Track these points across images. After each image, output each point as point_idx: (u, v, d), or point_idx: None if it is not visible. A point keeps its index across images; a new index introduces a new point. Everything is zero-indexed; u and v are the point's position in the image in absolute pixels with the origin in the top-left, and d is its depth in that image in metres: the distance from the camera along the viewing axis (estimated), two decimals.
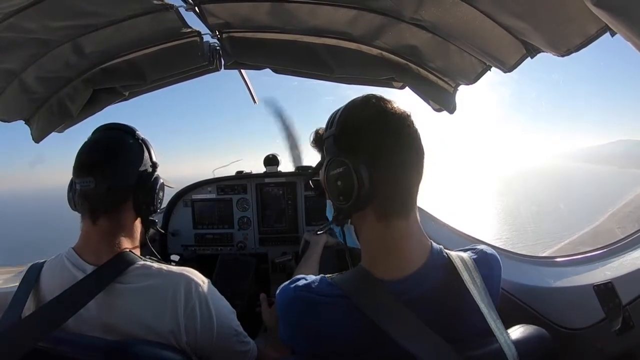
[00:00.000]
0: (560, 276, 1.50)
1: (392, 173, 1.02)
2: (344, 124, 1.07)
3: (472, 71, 1.89)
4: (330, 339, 1.01)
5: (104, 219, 1.22)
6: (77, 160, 1.24)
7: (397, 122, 1.04)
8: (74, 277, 1.14)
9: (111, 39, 1.88)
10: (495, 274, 1.12)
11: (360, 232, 1.11)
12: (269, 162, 2.95)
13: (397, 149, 1.02)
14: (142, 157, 1.32)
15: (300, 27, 1.98)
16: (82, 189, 1.21)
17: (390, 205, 1.04)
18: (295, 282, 1.09)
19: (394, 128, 1.03)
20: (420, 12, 1.63)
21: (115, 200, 1.25)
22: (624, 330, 1.14)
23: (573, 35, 1.23)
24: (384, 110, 1.06)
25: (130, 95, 2.32)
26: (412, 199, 1.06)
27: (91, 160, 1.23)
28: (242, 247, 2.91)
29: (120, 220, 1.26)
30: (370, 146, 1.03)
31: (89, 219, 1.22)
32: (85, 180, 1.20)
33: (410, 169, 1.04)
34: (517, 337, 0.99)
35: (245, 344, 1.34)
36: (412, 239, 1.04)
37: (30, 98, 2.00)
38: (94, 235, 1.21)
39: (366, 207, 1.04)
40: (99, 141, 1.29)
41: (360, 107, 1.08)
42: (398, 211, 1.03)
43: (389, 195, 1.03)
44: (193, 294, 1.17)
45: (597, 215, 52.11)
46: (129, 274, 1.15)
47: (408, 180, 1.04)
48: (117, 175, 1.25)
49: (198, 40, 2.08)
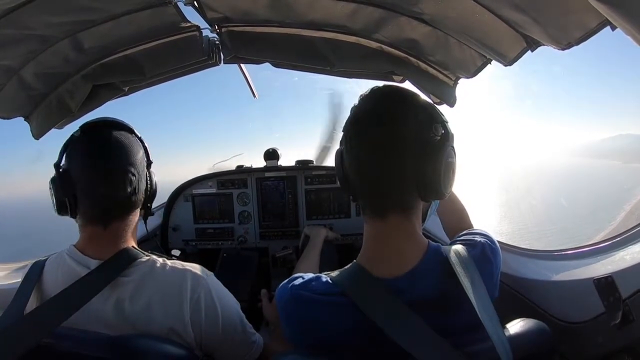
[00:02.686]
0: (560, 270, 1.51)
1: (355, 171, 1.05)
2: None
3: (472, 64, 1.88)
4: (328, 336, 1.02)
5: (116, 223, 1.21)
6: (88, 163, 1.19)
7: (380, 107, 1.06)
8: (78, 273, 1.13)
9: (110, 34, 1.87)
10: (494, 265, 1.10)
11: (365, 226, 1.12)
12: (269, 156, 2.95)
13: (377, 136, 1.02)
14: (147, 156, 1.32)
15: (299, 20, 1.96)
16: (96, 197, 1.18)
17: (364, 203, 1.07)
18: (293, 280, 1.10)
19: (377, 113, 1.05)
20: (420, 5, 1.62)
21: (131, 206, 1.25)
22: (623, 324, 1.14)
23: (573, 29, 1.22)
24: (371, 96, 1.09)
25: (130, 91, 2.31)
26: (406, 192, 1.04)
27: (107, 165, 1.19)
28: (243, 241, 2.92)
29: (132, 220, 1.27)
30: (351, 134, 1.07)
31: (99, 224, 1.19)
32: (99, 187, 1.18)
33: (398, 158, 1.01)
34: (516, 330, 0.99)
35: (252, 335, 1.35)
36: (401, 240, 1.04)
37: (29, 94, 1.99)
38: (104, 238, 1.20)
39: (359, 198, 1.09)
40: (112, 144, 1.22)
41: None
42: (391, 204, 1.04)
43: (359, 194, 1.07)
44: (199, 288, 1.18)
45: (615, 211, 51.73)
46: (134, 269, 1.16)
47: (397, 171, 1.02)
48: (133, 180, 1.22)
49: (197, 34, 2.07)
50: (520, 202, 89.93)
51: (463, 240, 1.13)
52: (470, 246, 1.08)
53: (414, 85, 2.19)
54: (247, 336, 1.33)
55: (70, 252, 1.20)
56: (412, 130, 1.01)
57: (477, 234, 1.15)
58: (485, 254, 1.08)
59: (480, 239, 1.12)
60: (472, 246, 1.09)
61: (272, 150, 2.95)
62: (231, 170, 2.99)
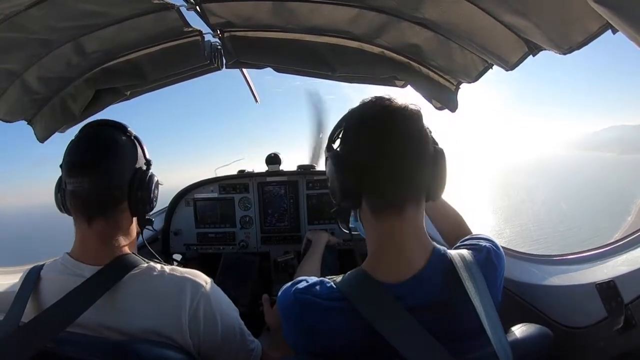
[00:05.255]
0: (562, 274, 1.50)
1: (373, 162, 1.04)
2: (332, 130, 1.15)
3: (474, 69, 1.88)
4: (330, 342, 1.01)
5: (99, 221, 1.19)
6: (68, 160, 1.20)
7: (375, 112, 1.07)
8: (74, 281, 1.11)
9: (113, 38, 1.89)
10: (498, 271, 1.09)
11: (365, 231, 1.12)
12: (271, 161, 2.95)
13: (377, 137, 1.03)
14: (136, 154, 1.28)
15: (301, 26, 1.98)
16: (75, 190, 1.18)
17: (380, 196, 1.05)
18: (296, 284, 1.09)
19: (370, 117, 1.07)
20: (421, 11, 1.63)
21: (111, 200, 1.21)
22: (626, 328, 1.14)
23: (575, 33, 1.23)
24: (364, 104, 1.10)
25: (132, 95, 2.32)
26: (408, 191, 1.05)
27: (83, 159, 1.19)
28: (244, 246, 2.91)
29: (117, 220, 1.23)
30: (348, 137, 1.09)
31: (84, 222, 1.18)
32: (77, 181, 1.17)
33: (399, 157, 1.03)
34: (519, 335, 0.99)
35: (250, 343, 1.33)
36: (411, 239, 1.04)
37: (32, 98, 2.00)
38: (91, 238, 1.18)
39: (360, 201, 1.08)
40: (90, 138, 1.24)
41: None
42: (410, 196, 1.04)
43: (378, 186, 1.05)
44: (197, 296, 1.16)
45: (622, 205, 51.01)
46: (132, 277, 1.13)
47: (416, 164, 1.04)
48: (111, 173, 1.21)
49: (199, 39, 2.08)
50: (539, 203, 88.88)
51: (468, 245, 1.13)
52: (475, 251, 1.08)
53: (415, 90, 2.20)
54: (246, 344, 1.32)
55: (65, 261, 1.18)
56: (422, 131, 1.06)
57: (481, 239, 1.15)
58: (490, 259, 1.08)
59: (485, 244, 1.12)
60: (478, 251, 1.08)
61: (273, 155, 2.95)
62: (233, 175, 2.99)
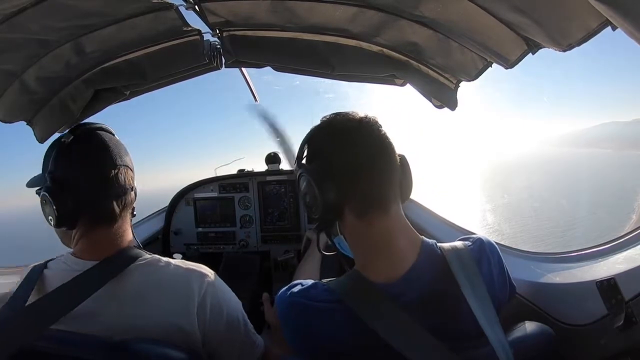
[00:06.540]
0: (562, 272, 1.50)
1: (354, 168, 1.06)
2: (300, 148, 1.18)
3: (474, 67, 1.88)
4: (327, 344, 1.02)
5: (119, 221, 1.22)
6: (81, 170, 1.18)
7: (342, 123, 1.11)
8: (77, 274, 1.11)
9: (112, 38, 1.88)
10: (492, 264, 1.09)
11: (348, 238, 1.13)
12: (270, 160, 2.96)
13: (351, 144, 1.07)
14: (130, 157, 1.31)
15: (300, 24, 1.97)
16: (105, 197, 1.19)
17: (364, 199, 1.06)
18: (292, 288, 1.11)
19: (339, 128, 1.10)
20: (421, 9, 1.62)
21: (125, 207, 1.24)
22: (626, 326, 1.14)
23: (574, 30, 1.22)
24: (327, 120, 1.15)
25: (131, 95, 2.32)
26: (390, 190, 1.08)
27: (101, 169, 1.19)
28: (245, 245, 2.92)
29: (122, 225, 1.25)
30: (319, 151, 1.13)
31: (104, 226, 1.19)
32: (111, 188, 1.19)
33: (376, 159, 1.07)
34: (519, 333, 0.99)
35: (253, 336, 1.35)
36: (399, 235, 1.05)
37: (31, 99, 1.99)
38: (97, 244, 1.19)
39: (342, 211, 1.09)
40: (99, 147, 1.22)
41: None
42: (392, 196, 1.07)
43: (361, 190, 1.06)
44: (204, 286, 1.18)
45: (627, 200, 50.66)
46: (136, 267, 1.14)
47: (376, 170, 1.07)
48: (126, 181, 1.23)
49: (199, 39, 2.07)
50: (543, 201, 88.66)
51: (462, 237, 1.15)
52: (469, 242, 1.10)
53: (415, 89, 2.20)
54: (249, 336, 1.33)
55: (67, 259, 1.19)
56: (387, 135, 1.11)
57: (473, 235, 1.17)
58: (484, 250, 1.09)
59: (477, 237, 1.13)
60: (472, 242, 1.10)
61: (273, 154, 2.96)
62: (233, 175, 2.99)
